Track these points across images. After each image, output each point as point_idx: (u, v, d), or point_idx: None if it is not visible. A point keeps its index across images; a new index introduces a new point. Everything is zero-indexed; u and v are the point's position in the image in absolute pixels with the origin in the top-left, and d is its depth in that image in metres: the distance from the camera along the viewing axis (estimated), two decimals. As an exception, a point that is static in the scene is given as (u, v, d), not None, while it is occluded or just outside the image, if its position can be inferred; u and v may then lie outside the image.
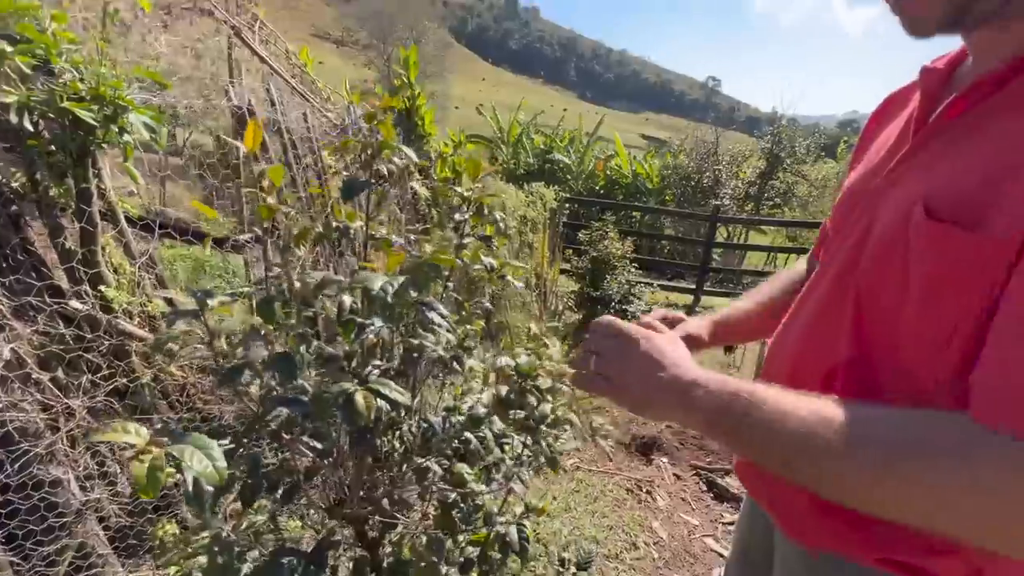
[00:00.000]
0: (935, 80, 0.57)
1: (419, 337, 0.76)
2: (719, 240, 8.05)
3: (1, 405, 1.11)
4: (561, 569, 1.90)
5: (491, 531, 0.93)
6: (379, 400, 0.67)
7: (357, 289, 0.72)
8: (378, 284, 0.62)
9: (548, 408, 0.82)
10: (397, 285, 0.63)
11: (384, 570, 0.90)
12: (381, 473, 1.01)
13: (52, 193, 1.29)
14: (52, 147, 1.23)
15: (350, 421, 0.60)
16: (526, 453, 1.01)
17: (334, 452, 0.83)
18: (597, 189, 10.43)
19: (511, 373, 0.80)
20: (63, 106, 1.16)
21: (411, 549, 0.91)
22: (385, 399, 0.65)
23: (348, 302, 0.66)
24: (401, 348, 0.82)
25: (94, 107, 1.21)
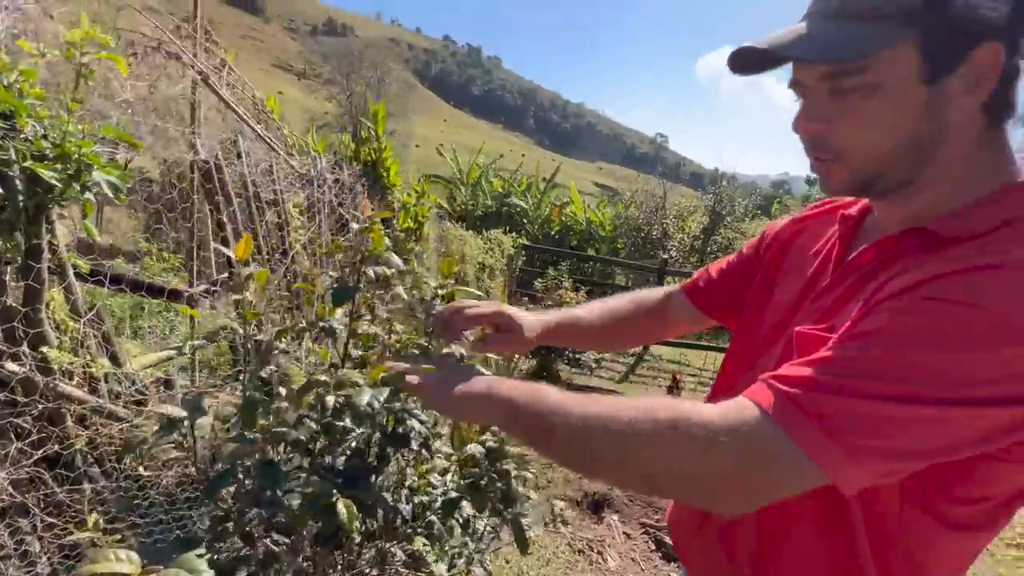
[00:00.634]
0: (850, 226, 0.68)
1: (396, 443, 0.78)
2: (666, 291, 8.44)
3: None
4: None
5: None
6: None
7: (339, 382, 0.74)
8: (365, 399, 0.65)
9: (520, 489, 0.86)
10: (382, 400, 0.66)
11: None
12: (340, 556, 0.99)
13: (-3, 248, 1.23)
14: (6, 203, 1.18)
15: (329, 528, 0.61)
16: (488, 530, 1.03)
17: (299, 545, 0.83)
18: (552, 234, 10.77)
19: (480, 460, 0.84)
20: (24, 165, 1.13)
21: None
22: (362, 505, 0.67)
23: (332, 402, 0.68)
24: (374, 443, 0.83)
25: (57, 166, 1.18)
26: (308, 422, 0.93)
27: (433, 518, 0.88)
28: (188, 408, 0.64)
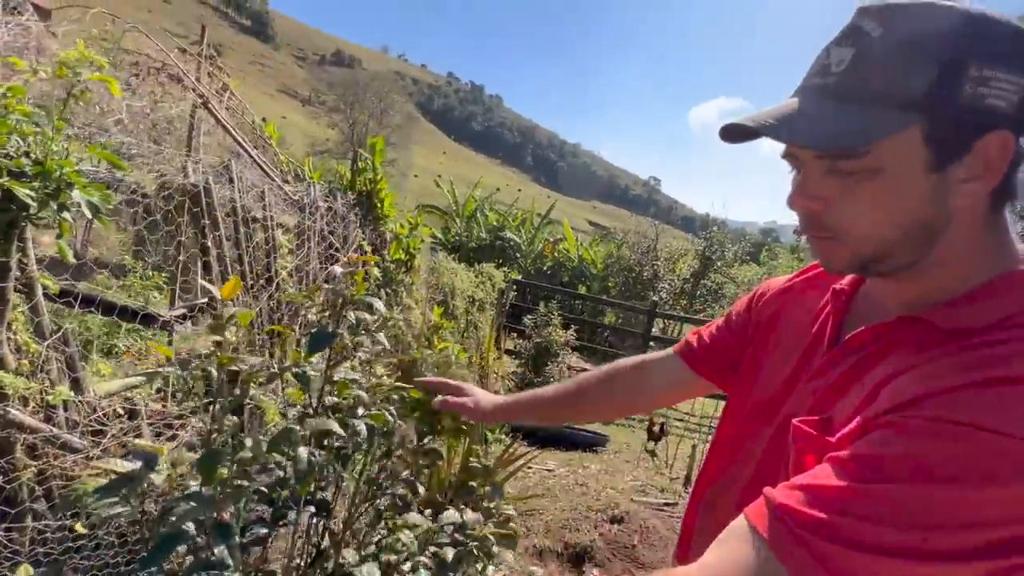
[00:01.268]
0: (843, 300, 0.66)
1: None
2: (656, 333, 8.43)
3: None
4: None
5: None
6: None
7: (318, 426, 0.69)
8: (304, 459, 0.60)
9: (491, 572, 0.79)
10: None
11: None
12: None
13: (-38, 264, 1.18)
14: (-25, 219, 1.14)
15: None
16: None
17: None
18: (545, 270, 10.81)
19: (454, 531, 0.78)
20: (0, 182, 1.09)
21: None
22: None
23: (304, 455, 0.63)
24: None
25: (35, 184, 1.15)
26: (276, 470, 0.87)
27: (399, 584, 0.81)
28: (139, 463, 0.59)
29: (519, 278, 7.82)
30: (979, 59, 0.45)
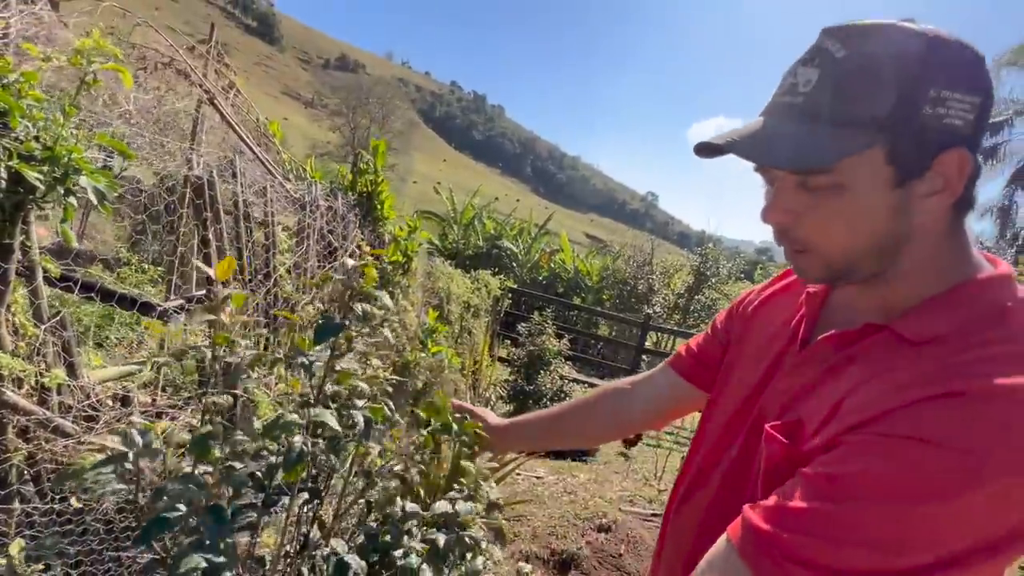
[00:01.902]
0: (816, 304, 0.68)
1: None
2: (649, 346, 8.46)
3: None
4: None
5: None
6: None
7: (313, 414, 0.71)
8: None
9: (480, 563, 0.81)
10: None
11: None
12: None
13: (-35, 244, 1.19)
14: (-18, 200, 1.15)
15: None
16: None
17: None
18: (540, 280, 10.84)
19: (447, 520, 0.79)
20: (9, 163, 1.11)
21: None
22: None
23: (299, 443, 0.64)
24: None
25: (44, 168, 1.16)
26: (268, 456, 0.88)
27: None
28: (134, 441, 0.60)
29: (514, 287, 7.85)
30: (937, 81, 0.48)
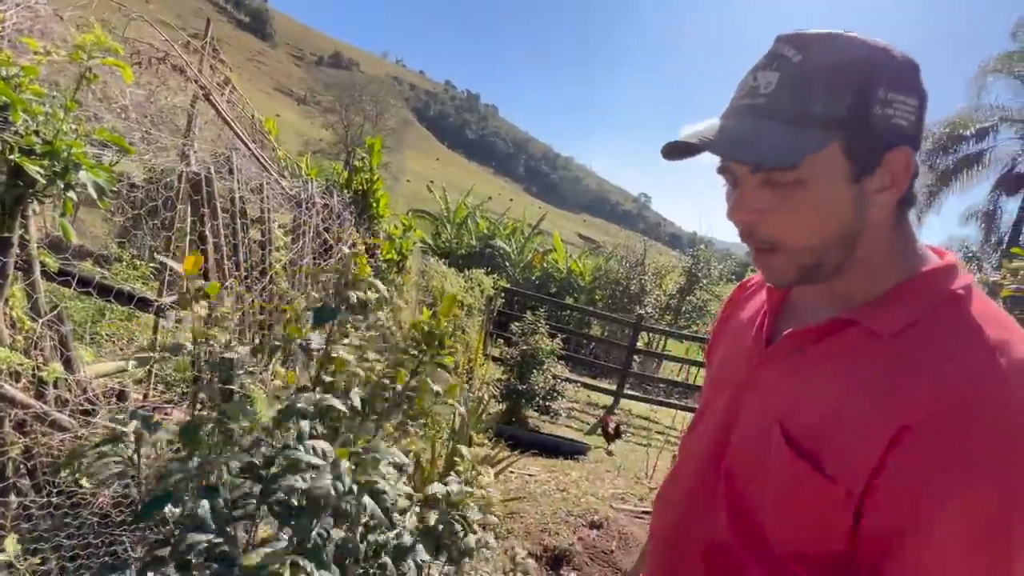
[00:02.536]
0: (777, 298, 0.70)
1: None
2: (640, 346, 8.52)
3: None
4: None
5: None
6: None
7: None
8: (325, 484, 0.64)
9: (473, 540, 0.83)
10: (347, 487, 0.65)
11: None
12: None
13: (-37, 237, 1.19)
14: (-18, 193, 1.16)
15: None
16: (442, 578, 0.98)
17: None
18: (533, 279, 10.87)
19: (441, 502, 0.81)
20: (11, 158, 1.11)
21: None
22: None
23: (307, 428, 0.66)
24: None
25: (44, 162, 1.17)
26: (263, 448, 0.90)
27: (387, 560, 0.84)
28: (139, 422, 0.62)
29: (508, 286, 7.87)
30: (885, 85, 0.53)
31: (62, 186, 1.21)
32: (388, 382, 0.99)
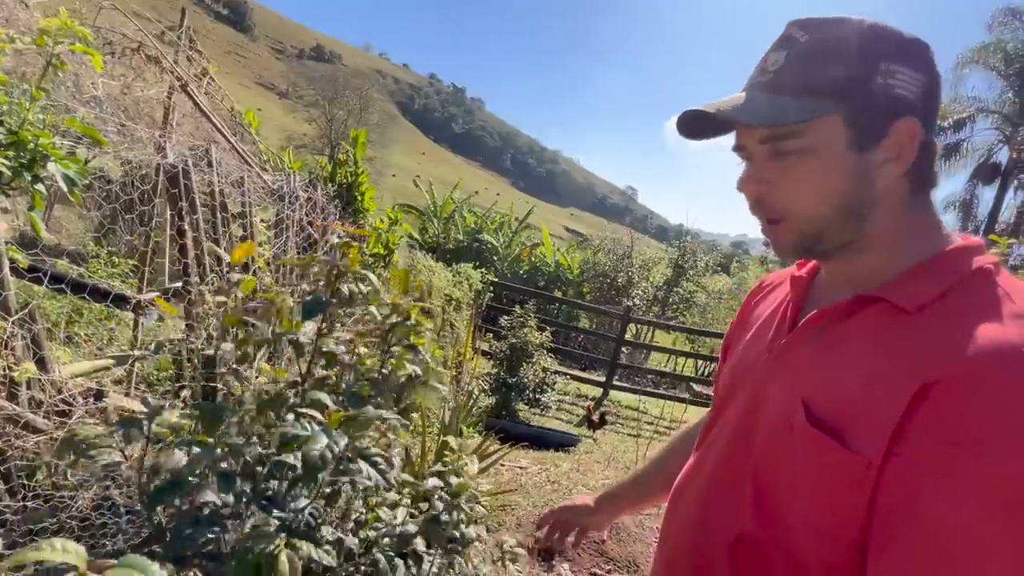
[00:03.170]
0: (801, 286, 0.70)
1: (349, 472, 0.74)
2: (629, 337, 8.57)
3: None
4: None
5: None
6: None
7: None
8: (318, 448, 0.62)
9: (473, 532, 0.82)
10: (337, 451, 0.63)
11: None
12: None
13: (-74, 233, 1.14)
14: (-56, 187, 1.10)
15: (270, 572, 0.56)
16: (435, 572, 0.97)
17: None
18: (521, 273, 10.86)
19: (441, 493, 0.80)
20: (-27, 149, 1.06)
21: None
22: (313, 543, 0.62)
23: (292, 421, 0.64)
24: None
25: (10, 153, 1.12)
26: (256, 445, 0.87)
27: (379, 555, 0.83)
28: (148, 409, 0.59)
29: (496, 280, 7.85)
30: (886, 57, 0.54)
31: (29, 178, 1.16)
32: (378, 375, 0.97)
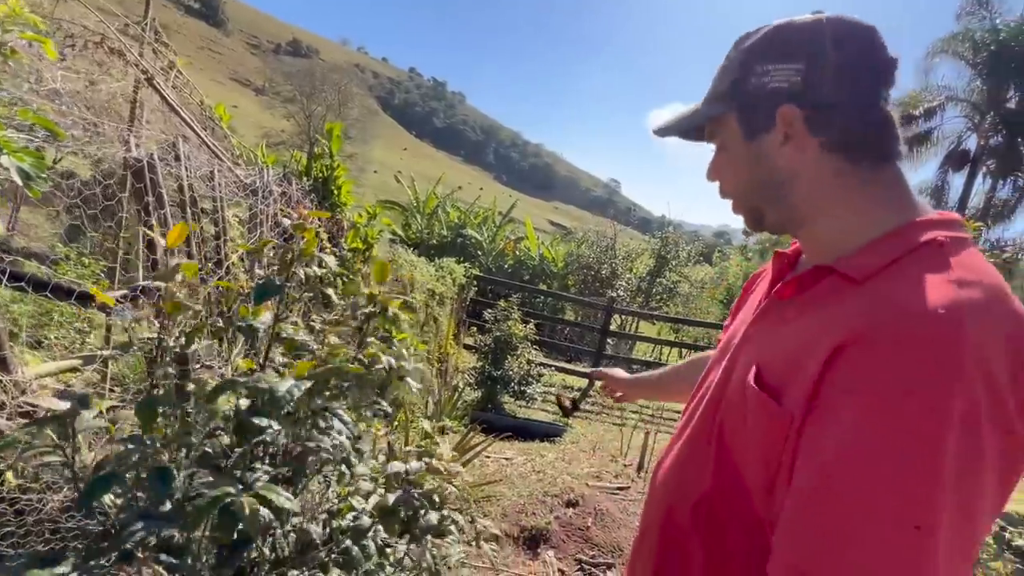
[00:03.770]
0: (783, 262, 0.75)
1: (314, 440, 0.74)
2: (613, 328, 8.64)
3: None
4: None
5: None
6: (264, 509, 0.62)
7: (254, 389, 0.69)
8: (284, 388, 0.61)
9: (435, 517, 0.82)
10: (303, 390, 0.62)
11: None
12: (244, 586, 0.90)
13: None
14: None
15: (229, 533, 0.55)
16: (408, 561, 0.97)
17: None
18: (506, 267, 10.86)
19: (402, 480, 0.80)
20: (-82, 141, 1.02)
21: None
22: (271, 507, 0.61)
23: (246, 406, 0.63)
24: (290, 450, 0.78)
25: (-41, 146, 1.07)
26: (220, 435, 0.86)
27: (349, 543, 0.82)
28: (71, 402, 0.57)
29: (480, 275, 7.84)
30: (761, 60, 0.64)
31: (-18, 172, 1.12)
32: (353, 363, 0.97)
